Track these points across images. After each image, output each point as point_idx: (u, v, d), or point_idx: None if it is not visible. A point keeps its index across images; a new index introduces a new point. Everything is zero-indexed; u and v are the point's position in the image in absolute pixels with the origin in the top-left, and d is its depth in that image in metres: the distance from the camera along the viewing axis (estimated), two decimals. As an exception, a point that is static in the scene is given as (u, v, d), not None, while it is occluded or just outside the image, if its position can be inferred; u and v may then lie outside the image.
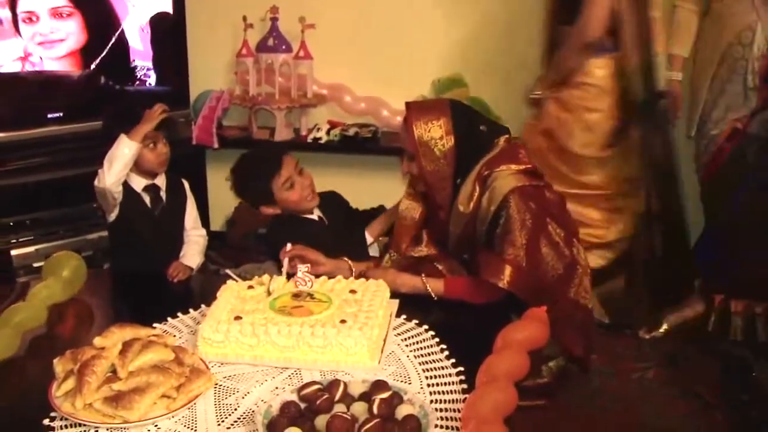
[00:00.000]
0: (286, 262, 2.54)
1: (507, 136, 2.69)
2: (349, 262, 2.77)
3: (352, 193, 3.76)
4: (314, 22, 4.30)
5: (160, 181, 2.96)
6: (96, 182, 2.83)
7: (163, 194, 2.97)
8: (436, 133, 2.56)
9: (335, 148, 4.41)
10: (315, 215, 3.01)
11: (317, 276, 2.38)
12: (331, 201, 3.09)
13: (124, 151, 2.78)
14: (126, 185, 2.87)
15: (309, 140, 4.54)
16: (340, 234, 2.97)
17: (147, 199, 2.93)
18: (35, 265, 3.87)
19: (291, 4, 4.34)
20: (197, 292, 2.83)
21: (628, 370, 2.78)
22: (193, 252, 2.98)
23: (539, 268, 2.49)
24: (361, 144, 4.44)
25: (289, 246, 2.75)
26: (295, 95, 4.40)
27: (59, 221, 4.05)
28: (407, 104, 2.69)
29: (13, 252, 3.95)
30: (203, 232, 3.08)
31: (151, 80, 4.31)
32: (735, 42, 3.67)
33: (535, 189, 2.56)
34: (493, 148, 2.62)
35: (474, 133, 2.63)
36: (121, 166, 2.79)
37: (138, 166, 2.88)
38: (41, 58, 4.01)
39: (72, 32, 4.06)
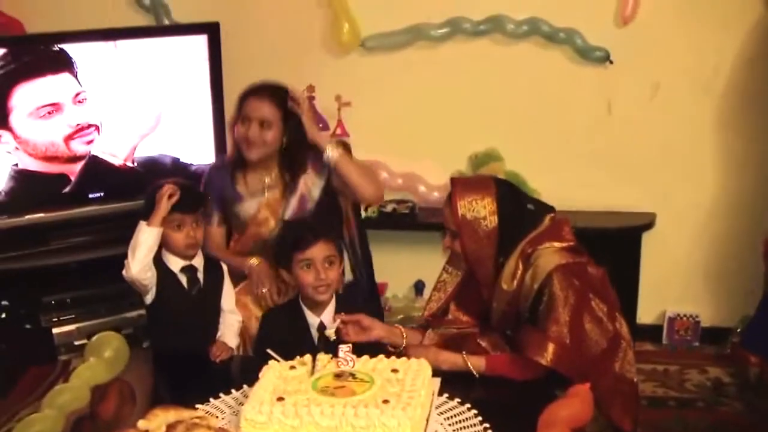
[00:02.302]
0: (335, 324, 2.61)
1: (552, 214, 2.69)
2: (402, 328, 2.78)
3: (390, 270, 3.78)
4: (350, 99, 4.36)
5: (198, 262, 2.94)
6: (124, 272, 2.81)
7: (200, 275, 2.94)
8: (480, 213, 2.57)
9: (373, 224, 4.40)
10: (322, 319, 2.87)
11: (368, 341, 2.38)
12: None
13: (144, 237, 2.77)
14: (163, 265, 2.86)
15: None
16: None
17: (184, 279, 2.92)
18: (76, 343, 3.89)
19: (327, 82, 4.39)
20: (238, 372, 2.82)
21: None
22: (231, 333, 2.96)
23: (583, 343, 2.48)
24: (399, 220, 4.46)
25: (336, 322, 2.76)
26: (332, 172, 4.43)
27: (100, 300, 4.06)
28: (452, 180, 2.70)
29: (55, 330, 3.96)
30: (240, 317, 3.04)
31: (191, 159, 4.36)
32: None
33: (578, 266, 2.55)
34: (538, 226, 2.63)
35: (520, 212, 2.63)
36: (144, 252, 2.77)
37: (167, 248, 2.87)
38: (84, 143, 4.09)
39: (116, 118, 4.15)
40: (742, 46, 4.13)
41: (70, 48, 3.96)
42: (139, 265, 2.77)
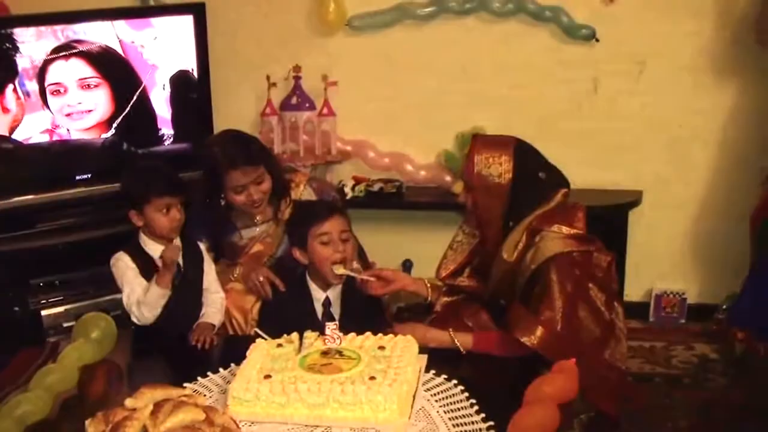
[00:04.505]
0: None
1: (566, 190, 2.67)
2: (426, 280, 2.88)
3: (378, 249, 3.78)
4: (336, 79, 4.35)
5: (177, 244, 2.94)
6: (135, 320, 2.81)
7: (180, 259, 2.91)
8: (495, 170, 2.58)
9: (360, 203, 4.42)
10: (328, 294, 2.95)
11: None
12: (358, 302, 2.97)
13: (156, 299, 2.77)
14: (144, 255, 2.85)
15: (334, 196, 4.56)
16: None
17: None
18: (65, 325, 3.89)
19: (313, 62, 4.39)
20: (226, 351, 2.82)
21: (660, 419, 2.75)
22: (214, 311, 2.95)
23: (574, 332, 2.48)
24: (386, 199, 4.47)
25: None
26: (319, 152, 4.42)
27: (88, 281, 4.05)
28: (474, 136, 2.73)
29: (44, 312, 3.96)
30: (222, 294, 3.03)
31: (176, 141, 4.35)
32: None
33: (582, 255, 2.54)
34: (549, 201, 2.62)
35: (533, 178, 2.63)
36: (157, 307, 2.78)
37: (151, 232, 2.85)
38: (68, 130, 4.09)
39: (100, 102, 4.12)
40: (726, 25, 4.13)
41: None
42: (153, 317, 2.79)
